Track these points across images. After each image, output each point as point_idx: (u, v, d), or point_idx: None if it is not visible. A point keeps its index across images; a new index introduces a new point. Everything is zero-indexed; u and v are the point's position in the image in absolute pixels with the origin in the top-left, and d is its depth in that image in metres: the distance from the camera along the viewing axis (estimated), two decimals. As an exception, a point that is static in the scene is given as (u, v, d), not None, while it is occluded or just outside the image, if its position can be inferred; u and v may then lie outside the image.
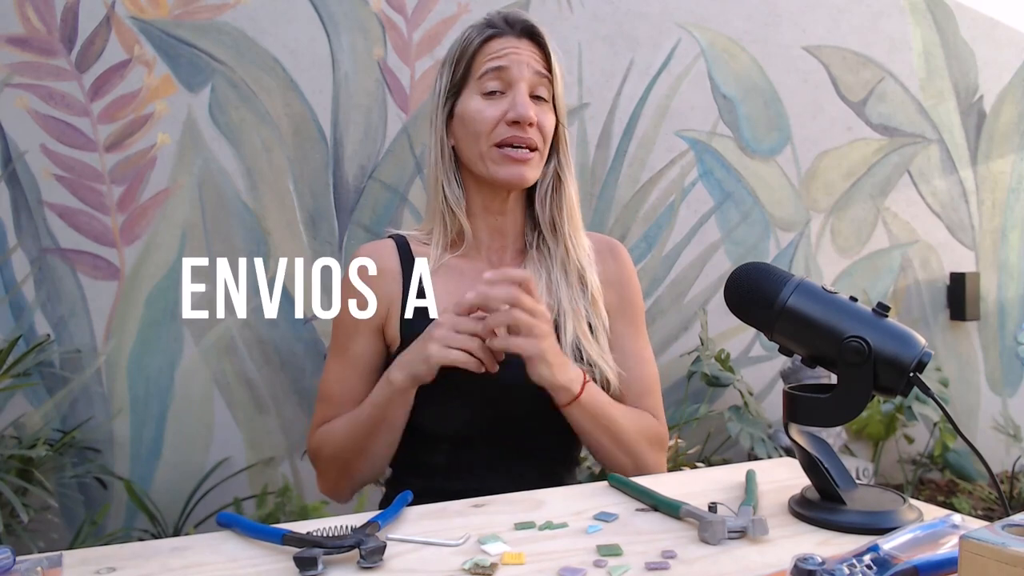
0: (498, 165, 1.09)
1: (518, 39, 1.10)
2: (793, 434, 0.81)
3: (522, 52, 1.09)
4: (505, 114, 1.07)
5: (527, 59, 1.09)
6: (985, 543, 0.49)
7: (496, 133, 1.08)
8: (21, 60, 1.86)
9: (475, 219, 1.15)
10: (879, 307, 0.77)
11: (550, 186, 1.14)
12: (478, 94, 1.10)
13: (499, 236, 1.16)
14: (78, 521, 1.90)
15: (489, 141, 1.08)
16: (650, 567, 0.67)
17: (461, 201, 1.14)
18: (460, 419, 1.08)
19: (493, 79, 1.09)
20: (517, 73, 1.08)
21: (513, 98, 1.07)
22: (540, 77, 1.10)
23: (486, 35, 1.10)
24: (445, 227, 1.14)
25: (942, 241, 2.78)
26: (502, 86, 1.09)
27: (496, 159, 1.08)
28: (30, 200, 1.88)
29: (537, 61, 1.10)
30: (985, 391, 2.86)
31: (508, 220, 1.16)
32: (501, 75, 1.08)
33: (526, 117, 1.06)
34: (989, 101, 2.83)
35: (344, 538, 0.70)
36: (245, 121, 2.01)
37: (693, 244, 2.45)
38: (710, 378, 2.24)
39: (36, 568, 0.64)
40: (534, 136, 1.08)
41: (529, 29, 1.11)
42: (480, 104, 1.09)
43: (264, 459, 2.03)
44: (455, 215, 1.13)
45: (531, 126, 1.07)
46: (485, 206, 1.14)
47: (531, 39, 1.11)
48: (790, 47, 2.55)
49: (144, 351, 1.95)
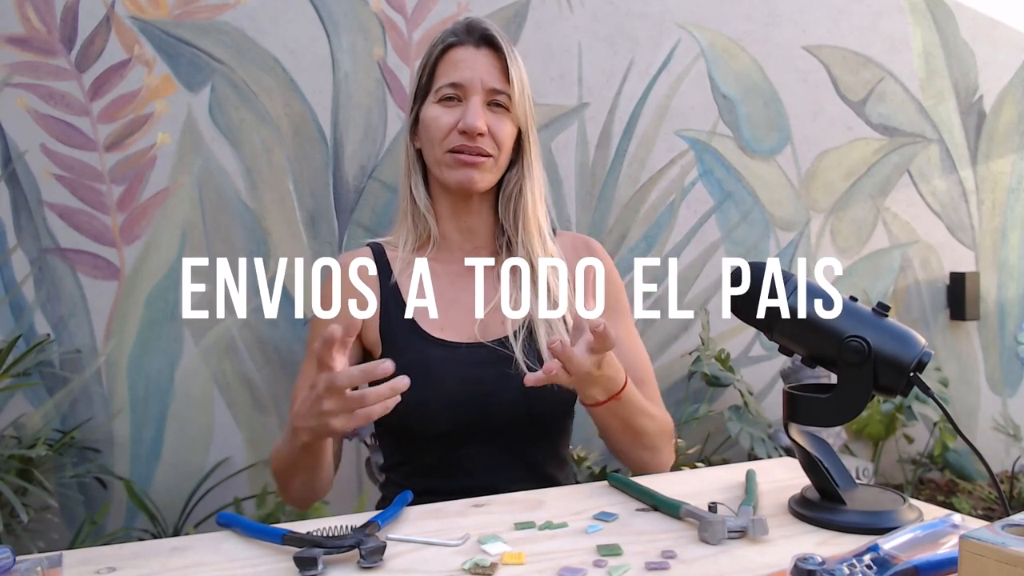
0: (450, 169, 1.13)
1: (476, 48, 1.13)
2: (793, 434, 0.81)
3: (478, 62, 1.12)
4: (458, 122, 1.11)
5: (483, 69, 1.12)
6: (985, 543, 0.49)
7: (449, 140, 1.12)
8: (21, 60, 1.86)
9: (444, 221, 1.19)
10: (879, 307, 0.77)
11: (513, 192, 1.18)
12: (436, 101, 1.14)
13: (470, 236, 1.20)
14: (78, 521, 1.90)
15: (443, 147, 1.12)
16: (650, 567, 0.67)
17: (428, 203, 1.18)
18: (445, 419, 1.09)
19: (449, 88, 1.12)
20: (471, 84, 1.12)
21: (465, 108, 1.11)
22: (496, 87, 1.12)
23: (447, 43, 1.14)
24: (416, 229, 1.18)
25: (942, 241, 2.78)
26: (459, 93, 1.12)
27: (449, 163, 1.13)
28: (30, 200, 1.88)
29: (496, 72, 1.13)
30: (985, 391, 2.86)
31: (478, 221, 1.20)
32: (456, 86, 1.12)
33: (473, 128, 1.09)
34: (989, 101, 2.83)
35: (344, 538, 0.70)
36: (245, 121, 2.01)
37: (693, 244, 2.45)
38: (710, 378, 2.24)
39: (36, 568, 0.64)
40: (485, 145, 1.12)
41: (487, 38, 1.14)
42: (437, 111, 1.13)
43: (264, 459, 2.03)
44: (424, 218, 1.17)
45: (481, 136, 1.11)
46: (452, 208, 1.18)
47: (490, 47, 1.14)
48: (790, 47, 2.55)
49: (144, 351, 1.95)
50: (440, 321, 1.14)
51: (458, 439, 1.10)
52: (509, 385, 1.08)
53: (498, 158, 1.14)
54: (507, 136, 1.14)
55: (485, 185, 1.14)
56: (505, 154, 1.15)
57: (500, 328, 1.14)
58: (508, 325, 1.13)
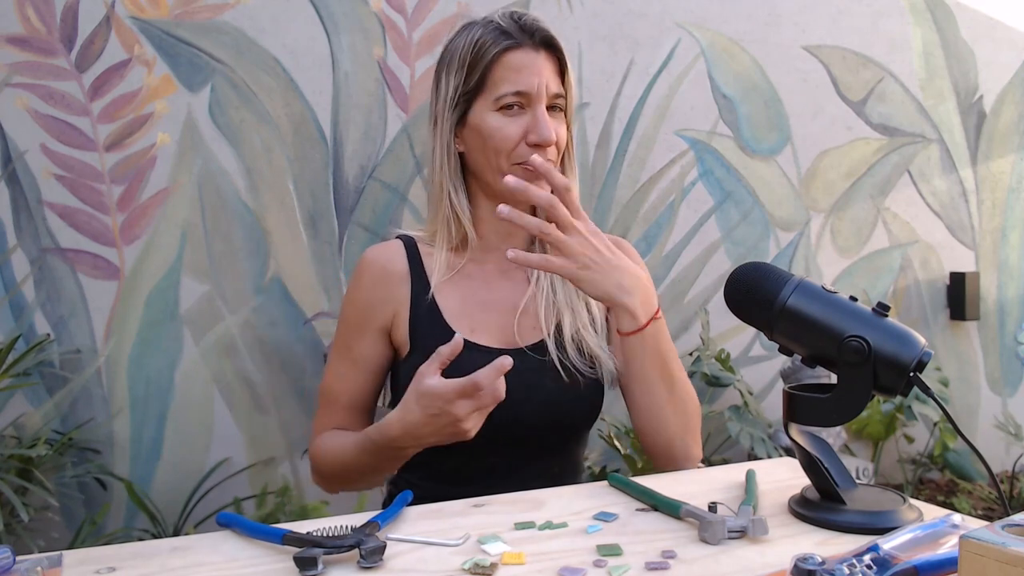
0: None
1: (536, 51, 1.07)
2: (793, 434, 0.81)
3: (542, 68, 1.06)
4: (526, 134, 1.05)
5: (547, 76, 1.06)
6: (985, 543, 0.49)
7: (517, 153, 1.06)
8: (21, 60, 1.86)
9: (482, 224, 1.14)
10: (879, 307, 0.77)
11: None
12: (495, 109, 1.06)
13: (509, 239, 1.15)
14: (78, 521, 1.90)
15: (509, 160, 1.06)
16: (650, 567, 0.67)
17: (467, 208, 1.12)
18: None
19: (513, 97, 1.05)
20: (538, 93, 1.05)
21: (534, 119, 1.05)
22: (557, 91, 1.08)
23: (503, 45, 1.06)
24: (450, 233, 1.13)
25: (942, 241, 2.78)
26: (523, 101, 1.06)
27: (517, 175, 1.05)
28: (30, 200, 1.88)
29: (555, 75, 1.08)
30: (985, 391, 2.86)
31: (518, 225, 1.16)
32: (522, 94, 1.05)
33: (549, 140, 1.04)
34: (989, 101, 2.83)
35: (344, 538, 0.70)
36: (245, 121, 2.01)
37: (693, 244, 2.45)
38: (710, 378, 2.24)
39: (36, 568, 0.64)
40: (552, 154, 1.07)
41: (547, 40, 1.08)
42: (499, 121, 1.06)
43: (264, 459, 2.03)
44: (460, 222, 1.12)
45: (551, 146, 1.06)
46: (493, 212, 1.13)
47: (548, 49, 1.08)
48: (790, 47, 2.55)
49: (144, 351, 1.95)
50: (471, 324, 1.11)
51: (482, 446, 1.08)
52: (538, 394, 1.07)
53: (556, 162, 1.10)
54: (565, 141, 1.10)
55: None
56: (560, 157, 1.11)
57: (531, 333, 1.11)
58: (542, 327, 1.11)
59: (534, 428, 1.08)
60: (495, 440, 1.07)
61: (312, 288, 2.06)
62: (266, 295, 2.03)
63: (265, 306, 2.03)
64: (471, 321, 1.11)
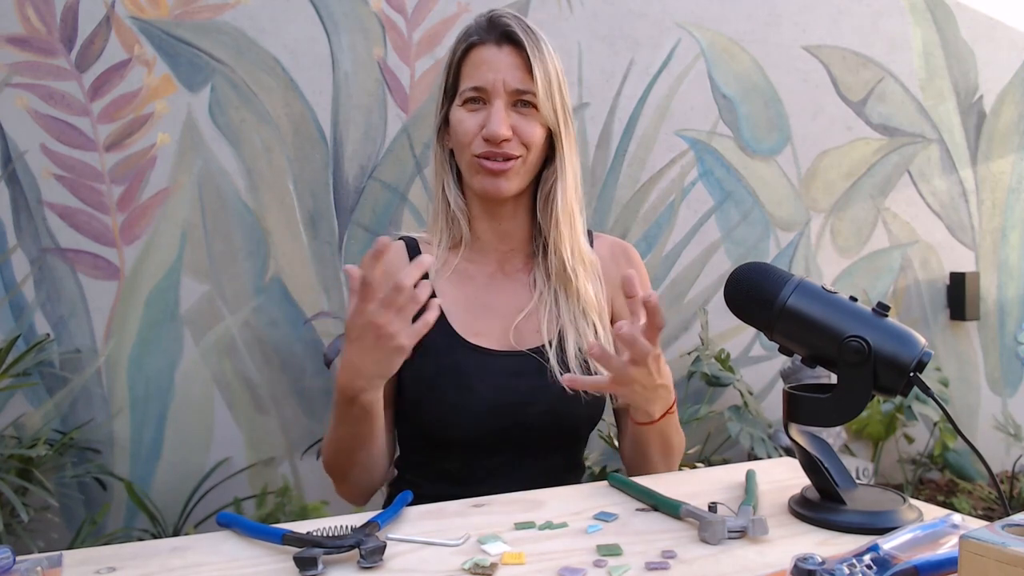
0: (478, 175, 1.08)
1: (498, 47, 1.07)
2: (793, 434, 0.81)
3: (500, 64, 1.06)
4: (482, 127, 1.06)
5: (505, 70, 1.06)
6: (985, 543, 0.49)
7: (475, 145, 1.07)
8: (21, 60, 1.86)
9: (478, 222, 1.14)
10: (879, 307, 0.77)
11: (551, 193, 1.12)
12: (460, 104, 1.09)
13: (506, 239, 1.15)
14: (78, 521, 1.90)
15: (470, 152, 1.08)
16: (650, 567, 0.67)
17: (462, 205, 1.13)
18: (475, 427, 1.07)
19: (472, 92, 1.07)
20: (492, 87, 1.06)
21: (488, 113, 1.06)
22: (520, 87, 1.06)
23: (469, 42, 1.09)
24: (449, 229, 1.14)
25: (942, 241, 2.78)
26: (482, 96, 1.07)
27: (476, 169, 1.08)
28: (30, 200, 1.88)
29: (517, 69, 1.06)
30: (985, 391, 2.86)
31: (512, 224, 1.15)
32: (479, 89, 1.07)
33: (495, 136, 1.04)
34: (989, 101, 2.83)
35: (344, 538, 0.70)
36: (245, 121, 2.01)
37: (693, 244, 2.45)
38: (710, 378, 2.24)
39: (36, 568, 0.64)
40: (511, 148, 1.06)
41: (508, 35, 1.07)
42: (462, 115, 1.09)
43: (264, 459, 2.03)
44: (458, 219, 1.13)
45: (506, 141, 1.06)
46: (486, 210, 1.14)
47: (512, 45, 1.07)
48: (790, 47, 2.55)
49: (144, 351, 1.95)
50: (474, 325, 1.11)
51: (484, 447, 1.08)
52: (541, 396, 1.07)
53: (527, 159, 1.09)
54: (535, 136, 1.08)
55: (513, 190, 1.09)
56: (535, 154, 1.10)
57: (534, 336, 1.11)
58: (543, 334, 1.10)
59: (535, 430, 1.08)
60: (496, 441, 1.08)
61: (312, 288, 2.06)
62: (266, 295, 2.03)
63: (265, 306, 2.03)
64: (473, 321, 1.11)
